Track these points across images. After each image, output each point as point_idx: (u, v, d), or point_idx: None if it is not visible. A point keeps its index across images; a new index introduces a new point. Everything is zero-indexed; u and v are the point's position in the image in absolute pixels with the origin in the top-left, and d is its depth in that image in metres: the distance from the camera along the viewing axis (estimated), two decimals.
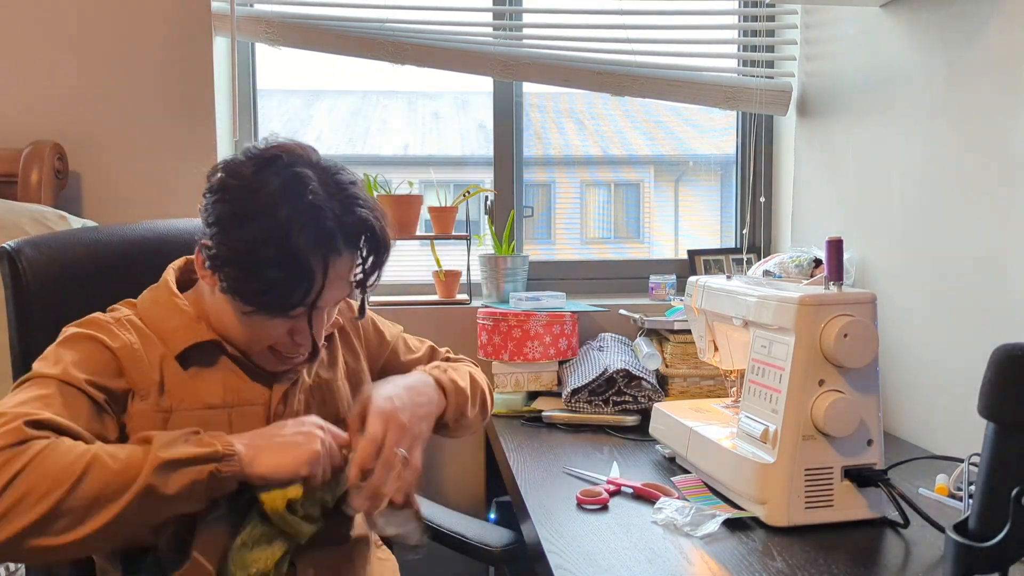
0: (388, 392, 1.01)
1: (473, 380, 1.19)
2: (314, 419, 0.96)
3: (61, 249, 1.08)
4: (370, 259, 0.97)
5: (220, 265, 0.92)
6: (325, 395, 1.08)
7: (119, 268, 1.14)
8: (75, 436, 0.84)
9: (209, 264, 0.94)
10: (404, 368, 1.21)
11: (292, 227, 0.88)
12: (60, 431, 0.83)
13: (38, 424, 0.82)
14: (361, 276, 0.98)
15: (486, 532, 1.30)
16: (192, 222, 1.25)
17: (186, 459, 0.83)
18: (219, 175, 0.94)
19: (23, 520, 0.76)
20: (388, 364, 1.22)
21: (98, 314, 0.99)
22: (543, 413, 1.63)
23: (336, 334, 1.15)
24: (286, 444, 0.90)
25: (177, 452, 0.83)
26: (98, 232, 1.16)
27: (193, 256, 1.01)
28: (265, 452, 0.88)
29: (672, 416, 1.36)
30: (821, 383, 1.07)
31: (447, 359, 1.29)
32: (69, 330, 0.95)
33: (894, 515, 1.07)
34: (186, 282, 1.05)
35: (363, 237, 0.95)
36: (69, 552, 0.79)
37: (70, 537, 0.78)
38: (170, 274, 1.04)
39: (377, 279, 0.99)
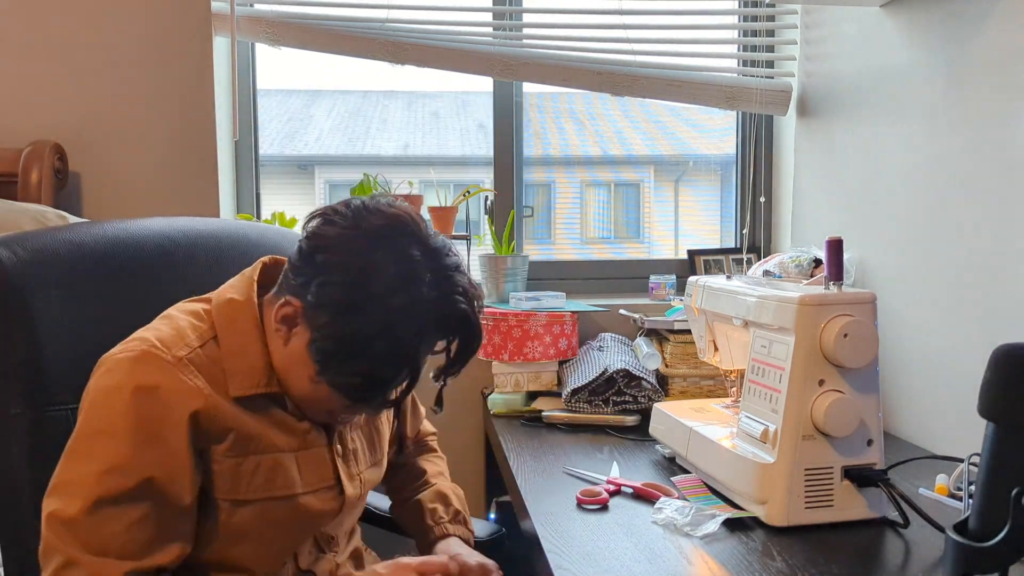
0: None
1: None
2: (408, 565, 0.96)
3: (40, 249, 1.01)
4: (457, 350, 0.93)
5: (318, 347, 0.87)
6: (372, 434, 1.09)
7: (103, 269, 1.07)
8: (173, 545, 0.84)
9: (287, 320, 0.89)
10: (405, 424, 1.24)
11: (402, 322, 0.85)
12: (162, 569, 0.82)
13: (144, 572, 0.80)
14: (446, 365, 0.94)
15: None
16: (183, 220, 1.23)
17: None
18: (323, 249, 0.87)
19: None
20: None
21: (155, 340, 0.87)
22: (543, 413, 1.63)
23: None
24: None
25: None
26: (80, 230, 1.09)
27: (269, 261, 0.98)
28: None
29: (672, 416, 1.36)
30: (821, 383, 1.07)
31: (431, 449, 1.30)
32: (120, 379, 0.84)
33: (894, 515, 1.07)
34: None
35: (457, 330, 0.91)
36: None
37: None
38: (252, 288, 0.95)
39: (459, 371, 0.95)
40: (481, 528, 1.28)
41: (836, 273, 1.11)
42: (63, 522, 0.80)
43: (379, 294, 0.84)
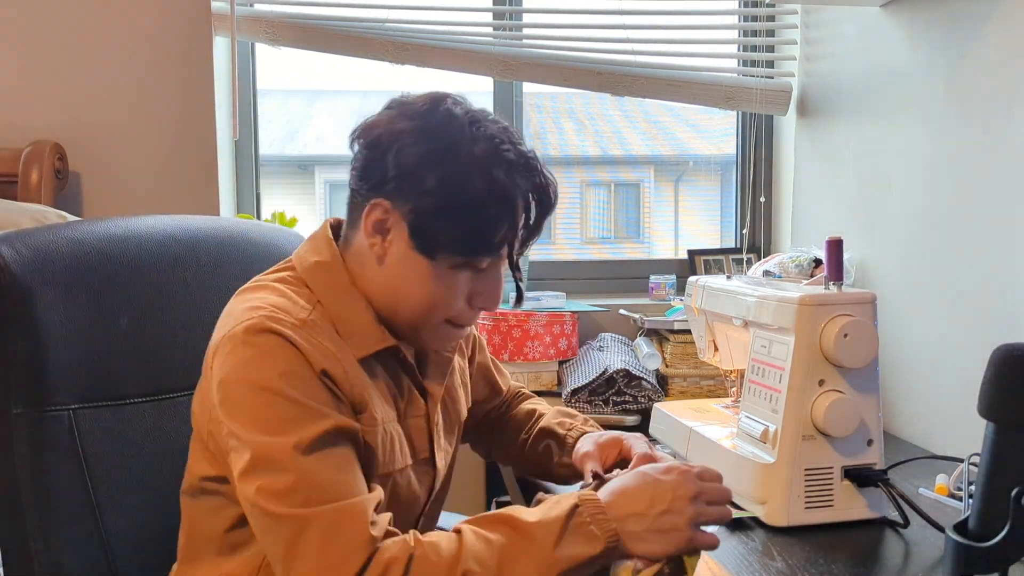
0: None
1: None
2: (687, 483, 0.83)
3: (41, 246, 1.00)
4: (536, 208, 0.88)
5: (414, 219, 0.83)
6: (448, 402, 1.03)
7: (105, 267, 1.06)
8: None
9: (378, 226, 0.85)
10: (491, 384, 1.20)
11: (492, 160, 0.82)
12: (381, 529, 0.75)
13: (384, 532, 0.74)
14: (531, 224, 0.89)
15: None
16: (185, 218, 1.23)
17: (581, 563, 0.76)
18: (383, 129, 0.85)
19: None
20: (480, 372, 1.17)
21: (271, 308, 0.82)
22: None
23: None
24: (656, 533, 0.80)
25: (572, 555, 0.75)
26: (81, 228, 1.09)
27: (333, 221, 0.93)
28: (639, 542, 0.79)
29: (672, 416, 1.36)
30: (821, 383, 1.07)
31: (529, 396, 1.26)
32: (240, 353, 0.79)
33: (894, 515, 1.07)
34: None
35: (537, 185, 0.87)
36: None
37: None
38: (333, 246, 0.90)
39: (538, 234, 0.91)
40: None
41: (836, 273, 1.11)
42: (279, 492, 0.74)
43: (459, 137, 0.82)
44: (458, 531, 0.77)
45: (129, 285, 1.05)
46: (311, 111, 2.45)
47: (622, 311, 1.86)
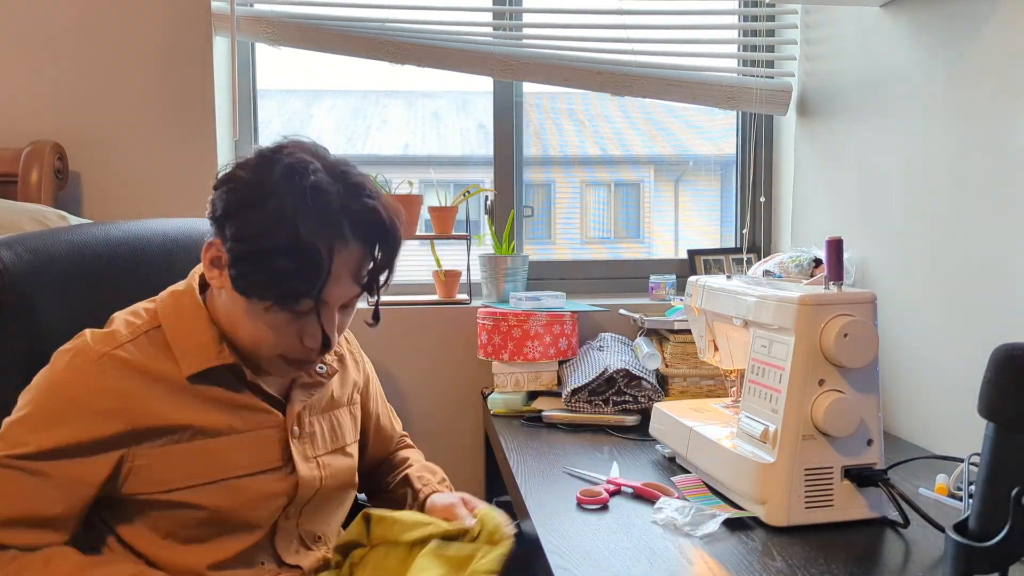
0: None
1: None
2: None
3: (41, 250, 1.02)
4: (379, 255, 0.94)
5: (229, 260, 0.91)
6: (334, 423, 1.10)
7: (104, 270, 1.09)
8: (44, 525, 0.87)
9: (215, 262, 0.93)
10: (380, 433, 1.28)
11: (297, 212, 0.87)
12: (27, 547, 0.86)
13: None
14: (372, 269, 0.95)
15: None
16: (184, 221, 1.24)
17: None
18: (225, 170, 0.94)
19: None
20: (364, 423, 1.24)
21: (96, 334, 0.94)
22: (543, 413, 1.63)
23: (348, 357, 1.18)
24: None
25: None
26: (81, 231, 1.11)
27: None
28: None
29: (672, 416, 1.36)
30: (821, 383, 1.07)
31: (409, 445, 1.36)
32: (57, 363, 0.92)
33: (894, 515, 1.07)
34: (204, 287, 1.02)
35: (371, 228, 0.93)
36: None
37: None
38: (195, 278, 1.01)
39: (388, 278, 0.97)
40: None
41: (836, 273, 1.11)
42: None
43: (270, 190, 0.88)
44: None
45: (129, 287, 1.06)
46: (311, 111, 2.45)
47: (622, 311, 1.86)
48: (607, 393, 1.61)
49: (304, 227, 0.87)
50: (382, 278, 0.96)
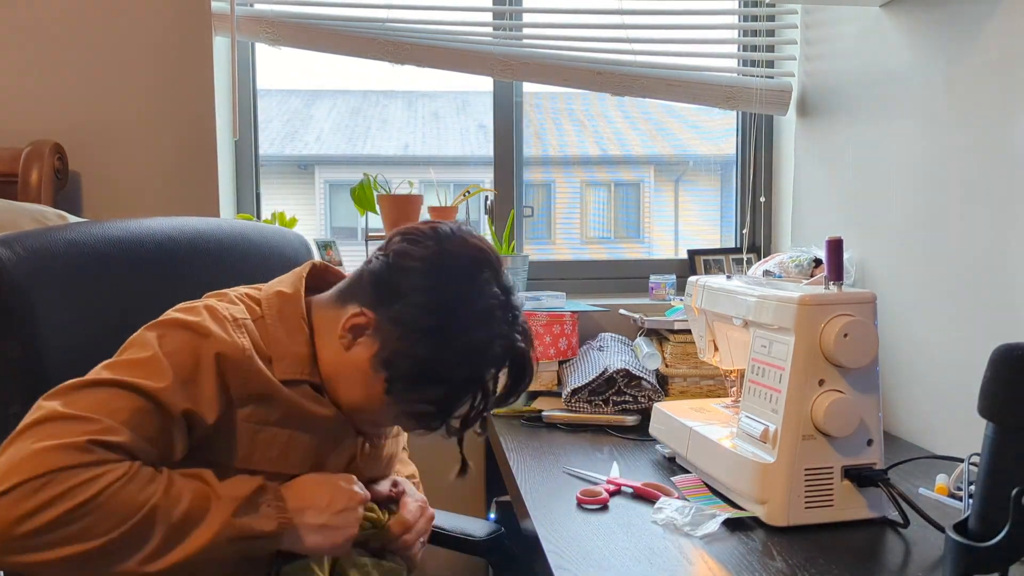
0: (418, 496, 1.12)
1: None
2: (359, 490, 0.95)
3: (40, 249, 1.00)
4: (509, 384, 0.95)
5: (393, 365, 0.89)
6: (378, 453, 1.09)
7: (103, 268, 1.08)
8: (140, 456, 0.82)
9: (356, 330, 0.91)
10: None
11: (480, 355, 0.89)
12: (128, 454, 0.81)
13: (107, 446, 0.78)
14: (500, 396, 0.96)
15: (468, 524, 1.29)
16: (184, 220, 1.23)
17: (253, 535, 0.83)
18: (413, 272, 0.90)
19: (75, 548, 0.75)
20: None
21: (215, 302, 0.92)
22: (543, 413, 1.63)
23: None
24: (330, 527, 0.90)
25: (247, 525, 0.83)
26: (80, 229, 1.09)
27: (319, 265, 1.01)
28: (311, 533, 0.89)
29: (672, 416, 1.36)
30: (821, 383, 1.07)
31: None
32: (173, 315, 0.89)
33: (894, 515, 1.07)
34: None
35: (515, 367, 0.94)
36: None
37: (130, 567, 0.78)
38: (302, 283, 0.98)
39: (512, 401, 0.97)
40: (481, 528, 1.28)
41: (836, 273, 1.11)
42: (63, 389, 0.82)
43: (465, 326, 0.88)
44: (161, 470, 0.83)
45: (128, 286, 1.05)
46: (311, 111, 2.45)
47: (622, 311, 1.86)
48: (607, 393, 1.61)
49: (486, 371, 0.90)
50: (509, 400, 0.97)
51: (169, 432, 0.83)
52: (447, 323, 0.88)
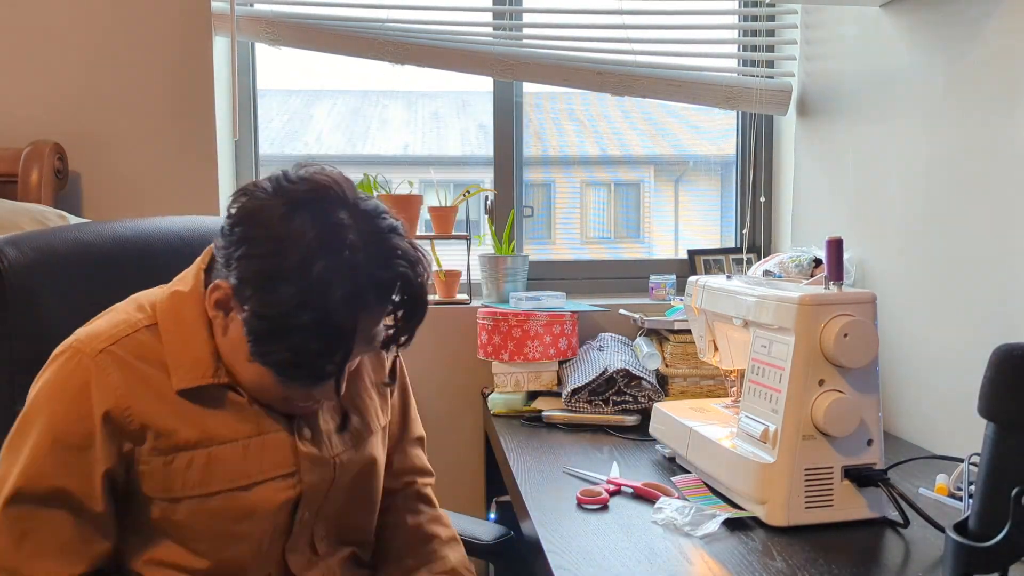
0: None
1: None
2: None
3: (46, 249, 1.00)
4: (402, 316, 0.88)
5: (245, 328, 0.83)
6: (350, 412, 1.01)
7: (108, 268, 1.08)
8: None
9: (220, 304, 0.86)
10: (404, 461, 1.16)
11: (328, 289, 0.79)
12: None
13: None
14: (392, 334, 0.89)
15: (475, 527, 1.29)
16: (191, 219, 1.23)
17: None
18: (242, 222, 0.83)
19: None
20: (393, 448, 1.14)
21: (88, 337, 0.87)
22: (543, 413, 1.63)
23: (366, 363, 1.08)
24: None
25: None
26: (86, 229, 1.09)
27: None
28: None
29: (672, 416, 1.36)
30: (821, 383, 1.07)
31: (430, 503, 1.17)
32: (46, 375, 0.86)
33: (894, 515, 1.07)
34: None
35: (398, 294, 0.86)
36: None
37: None
38: (199, 277, 0.92)
39: (409, 340, 0.90)
40: (487, 531, 1.27)
41: (836, 273, 1.11)
42: None
43: (299, 261, 0.79)
44: None
45: (133, 285, 1.05)
46: (311, 111, 2.45)
47: (622, 311, 1.86)
48: (607, 393, 1.61)
49: (334, 308, 0.80)
50: (403, 339, 0.89)
51: (83, 508, 0.84)
52: (280, 263, 0.79)
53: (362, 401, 1.04)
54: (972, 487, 0.95)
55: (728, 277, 1.36)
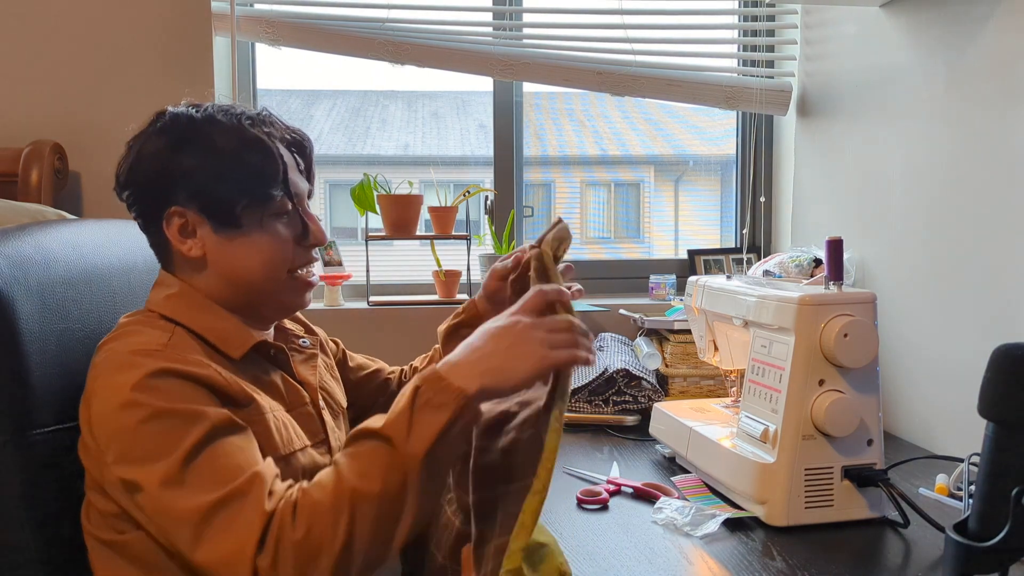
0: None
1: None
2: (522, 321, 0.80)
3: (14, 256, 0.91)
4: (298, 159, 1.03)
5: (200, 198, 0.91)
6: (326, 395, 1.09)
7: (102, 268, 1.05)
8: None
9: (184, 229, 0.92)
10: (361, 369, 1.27)
11: (239, 122, 0.94)
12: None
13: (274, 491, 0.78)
14: (304, 168, 1.04)
15: None
16: None
17: (444, 431, 0.76)
18: (128, 163, 0.98)
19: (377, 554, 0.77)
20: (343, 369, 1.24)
21: (141, 347, 0.85)
22: None
23: (319, 336, 1.19)
24: (515, 359, 0.78)
25: (428, 430, 0.75)
26: (80, 229, 1.07)
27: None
28: (503, 378, 0.78)
29: (672, 416, 1.36)
30: (821, 383, 1.07)
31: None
32: (146, 377, 0.81)
33: (894, 515, 1.07)
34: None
35: (287, 134, 1.02)
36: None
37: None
38: (177, 279, 0.96)
39: (311, 176, 1.06)
40: None
41: (836, 273, 1.11)
42: (174, 496, 0.77)
43: (205, 123, 0.93)
44: (335, 461, 0.80)
45: (114, 288, 1.04)
46: (311, 111, 2.45)
47: (622, 311, 1.86)
48: (607, 393, 1.61)
49: (248, 128, 0.94)
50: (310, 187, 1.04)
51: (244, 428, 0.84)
52: (193, 135, 0.93)
53: (330, 387, 1.12)
54: (972, 487, 0.95)
55: (728, 277, 1.36)
